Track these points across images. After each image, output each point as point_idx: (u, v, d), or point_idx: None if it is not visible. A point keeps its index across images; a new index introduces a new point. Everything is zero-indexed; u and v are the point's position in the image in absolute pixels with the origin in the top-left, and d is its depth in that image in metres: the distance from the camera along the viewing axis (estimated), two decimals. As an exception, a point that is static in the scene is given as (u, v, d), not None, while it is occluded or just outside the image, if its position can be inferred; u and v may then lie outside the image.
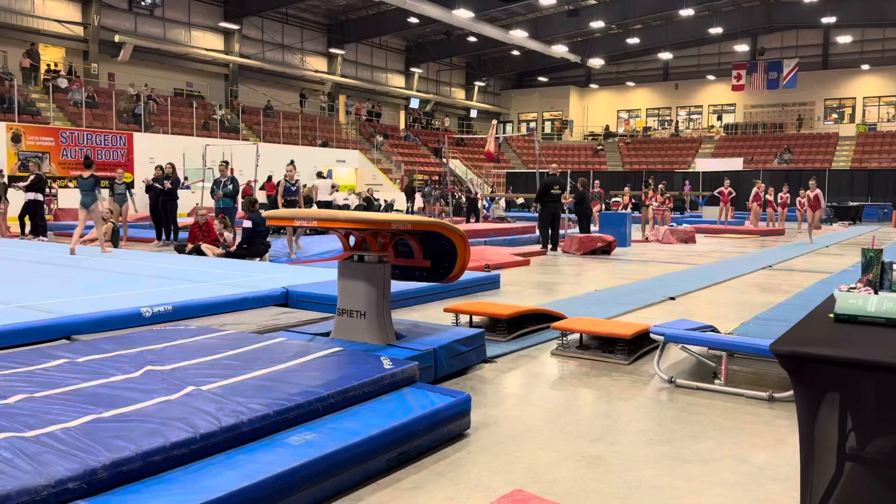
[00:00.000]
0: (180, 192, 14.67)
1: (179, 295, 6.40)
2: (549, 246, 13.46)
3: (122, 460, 2.43)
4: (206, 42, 31.78)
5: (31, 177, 13.62)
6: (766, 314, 6.58)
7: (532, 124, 47.94)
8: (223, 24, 31.99)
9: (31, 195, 13.52)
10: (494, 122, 26.60)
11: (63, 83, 25.32)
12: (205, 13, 31.70)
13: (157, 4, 28.77)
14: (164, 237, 13.98)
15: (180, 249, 11.44)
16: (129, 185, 14.68)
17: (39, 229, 13.61)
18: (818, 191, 17.35)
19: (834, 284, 8.31)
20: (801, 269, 11.00)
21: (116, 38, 27.98)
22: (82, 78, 26.37)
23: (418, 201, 26.89)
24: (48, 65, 26.13)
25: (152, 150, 23.22)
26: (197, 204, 18.25)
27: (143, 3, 28.24)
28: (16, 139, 20.91)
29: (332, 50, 36.95)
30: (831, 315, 2.36)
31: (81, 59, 27.61)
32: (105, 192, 13.83)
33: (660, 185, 20.43)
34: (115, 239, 12.70)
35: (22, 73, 24.74)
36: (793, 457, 3.19)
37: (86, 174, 10.92)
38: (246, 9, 32.01)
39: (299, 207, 11.42)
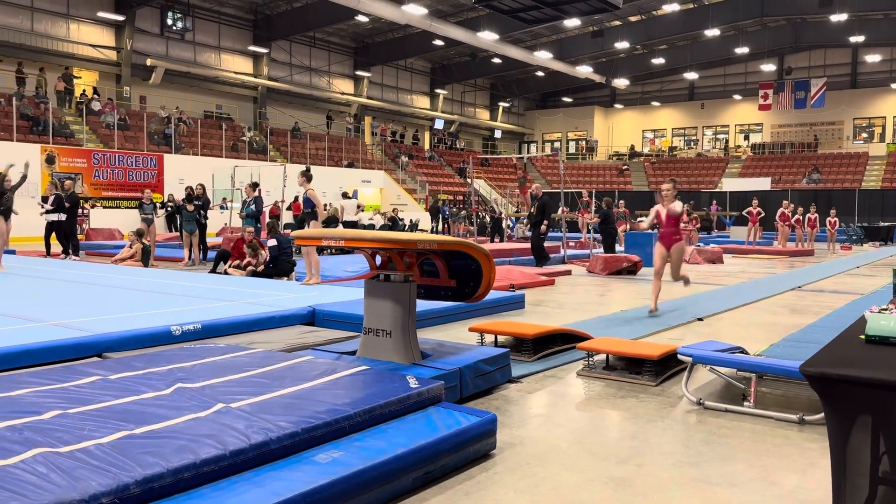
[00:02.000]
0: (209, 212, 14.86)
1: (208, 313, 6.48)
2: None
3: (154, 476, 2.46)
4: (235, 65, 32.38)
5: (51, 197, 13.90)
6: (795, 335, 6.50)
7: (556, 144, 47.95)
8: (252, 48, 32.58)
9: (54, 216, 13.79)
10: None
11: (96, 106, 25.92)
12: (234, 37, 32.33)
13: (188, 29, 29.40)
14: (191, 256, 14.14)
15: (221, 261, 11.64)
16: (156, 206, 14.95)
17: (71, 248, 13.86)
18: (674, 205, 8.10)
19: (865, 306, 8.16)
20: (831, 291, 10.83)
21: (148, 62, 28.61)
22: (115, 101, 26.97)
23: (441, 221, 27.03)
24: (84, 89, 26.77)
25: (182, 172, 23.66)
26: (226, 224, 18.50)
27: (174, 28, 28.88)
28: (50, 161, 21.42)
29: (358, 72, 37.42)
30: (862, 336, 2.34)
31: (114, 83, 28.27)
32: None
33: (685, 206, 20.30)
34: (145, 259, 12.90)
35: (56, 96, 25.39)
36: (824, 480, 3.14)
37: (189, 207, 13.22)
38: (274, 33, 32.59)
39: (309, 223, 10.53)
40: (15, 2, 25.36)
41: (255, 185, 13.21)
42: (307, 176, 9.80)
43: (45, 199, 14.30)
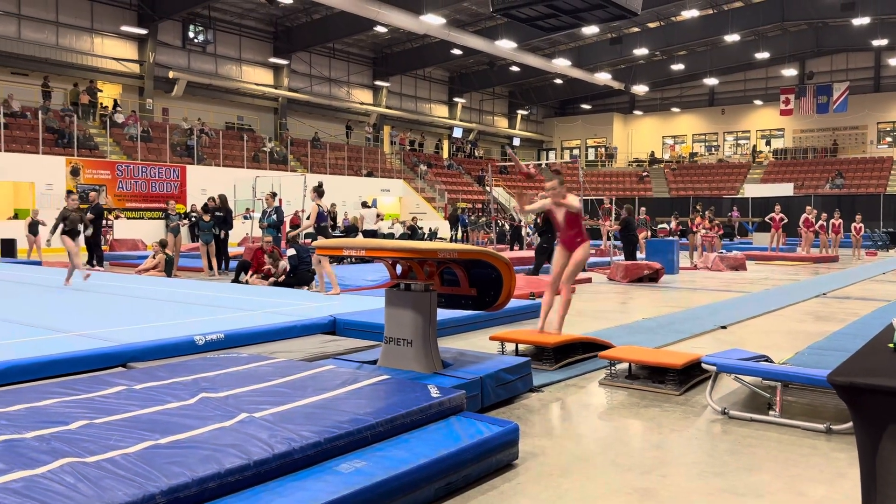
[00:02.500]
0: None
1: (231, 323, 6.53)
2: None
3: (179, 486, 2.48)
4: (256, 77, 32.70)
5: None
6: (821, 343, 6.40)
7: (575, 152, 47.84)
8: (272, 60, 32.90)
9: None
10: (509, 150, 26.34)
11: (119, 118, 26.30)
12: (255, 49, 32.67)
13: (210, 42, 29.77)
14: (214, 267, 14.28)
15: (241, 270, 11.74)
16: (182, 217, 15.14)
17: (96, 259, 14.04)
18: (569, 200, 6.20)
19: (891, 313, 8.05)
20: (857, 297, 10.68)
21: (171, 75, 29.00)
22: (138, 113, 27.35)
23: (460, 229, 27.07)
24: (103, 103, 27.17)
25: (204, 182, 23.90)
26: (247, 234, 18.65)
27: (196, 41, 29.26)
28: (74, 173, 21.75)
29: (377, 82, 37.64)
30: (891, 345, 2.31)
31: (137, 95, 28.67)
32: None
33: (707, 212, 20.14)
34: (168, 269, 13.03)
35: (77, 107, 25.79)
36: (853, 491, 3.09)
37: (206, 217, 13.30)
38: (294, 44, 32.89)
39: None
40: (41, 17, 25.84)
41: (273, 195, 13.34)
42: (318, 192, 10.10)
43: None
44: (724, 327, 7.67)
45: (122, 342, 5.57)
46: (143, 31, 27.94)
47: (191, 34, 29.03)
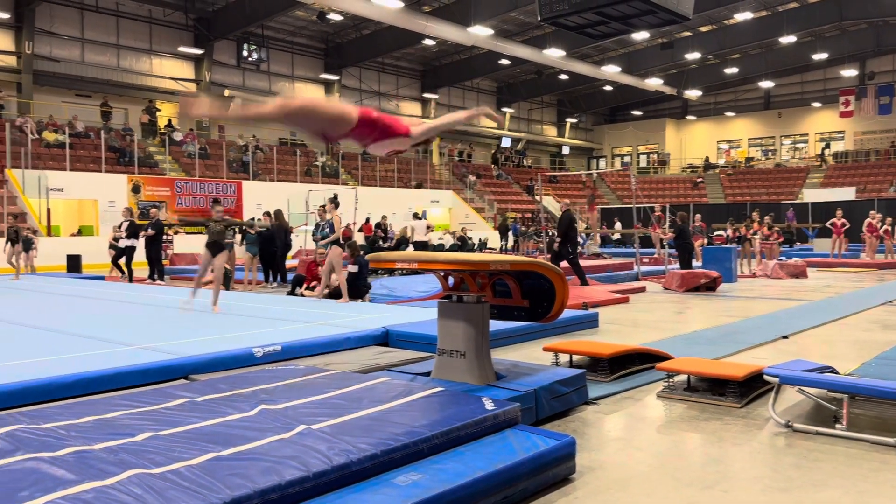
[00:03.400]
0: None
1: (287, 335, 6.65)
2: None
3: (241, 498, 2.53)
4: (308, 93, 33.30)
5: (125, 224, 14.62)
6: (888, 353, 6.17)
7: (626, 159, 47.22)
8: (324, 76, 33.49)
9: (129, 241, 14.53)
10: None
11: (178, 136, 27.11)
12: (307, 66, 33.33)
13: (263, 60, 30.49)
14: (271, 279, 14.56)
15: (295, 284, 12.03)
16: (235, 231, 15.49)
17: (157, 273, 14.47)
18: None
19: (966, 321, 7.69)
20: (928, 305, 10.25)
21: (226, 93, 29.75)
22: (195, 131, 28.14)
23: (511, 239, 26.98)
24: (167, 121, 28.05)
25: (260, 197, 24.43)
26: (301, 247, 18.95)
27: (250, 60, 30.01)
28: (136, 190, 22.48)
29: (426, 94, 37.92)
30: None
31: (194, 114, 29.49)
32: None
33: (766, 218, 19.62)
34: (226, 283, 13.33)
35: (141, 128, 26.69)
36: (929, 510, 2.96)
37: (252, 231, 14.16)
38: (345, 60, 33.44)
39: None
40: (103, 41, 26.89)
41: (324, 208, 13.57)
42: (335, 203, 10.83)
43: (118, 227, 15.04)
44: (785, 337, 7.46)
45: (183, 355, 5.72)
46: (200, 52, 28.79)
47: (245, 53, 29.79)
